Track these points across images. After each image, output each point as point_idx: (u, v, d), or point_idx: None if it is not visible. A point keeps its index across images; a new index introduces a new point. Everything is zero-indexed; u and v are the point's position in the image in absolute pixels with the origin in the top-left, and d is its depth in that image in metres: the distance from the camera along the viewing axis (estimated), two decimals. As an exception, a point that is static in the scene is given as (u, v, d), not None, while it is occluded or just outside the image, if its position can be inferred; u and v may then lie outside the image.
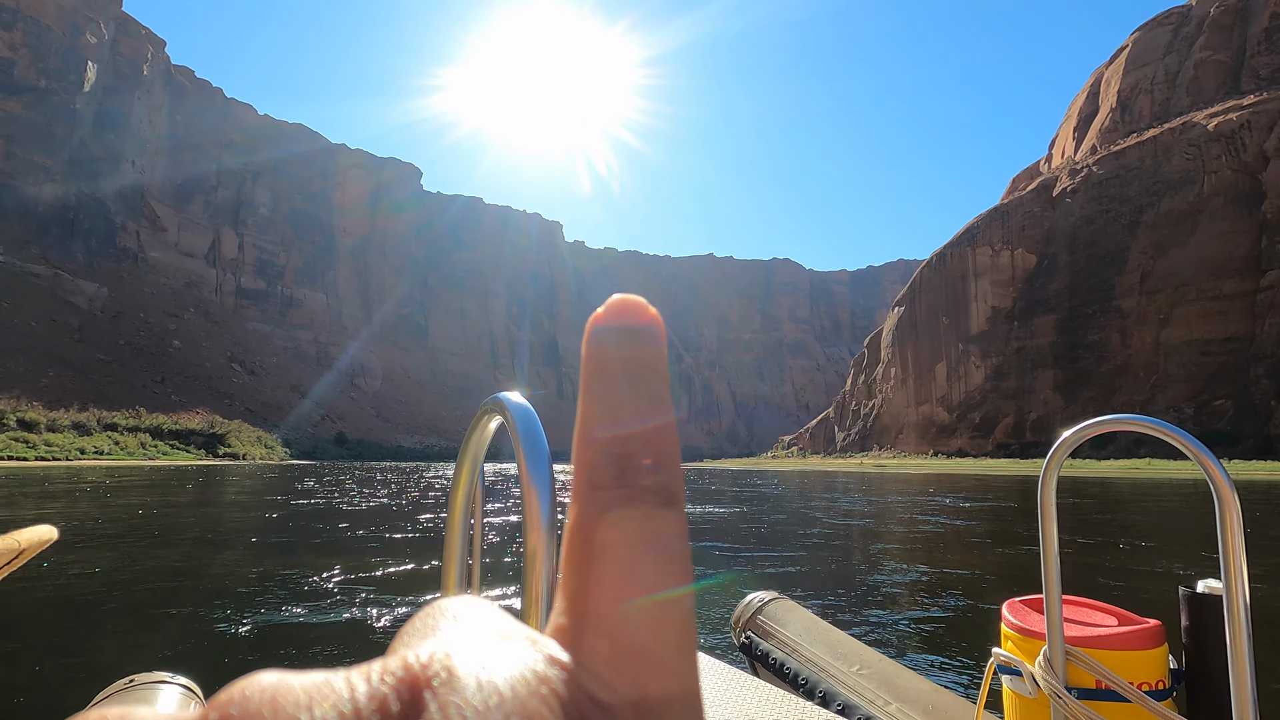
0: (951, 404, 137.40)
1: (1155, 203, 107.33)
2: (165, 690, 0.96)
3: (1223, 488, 1.26)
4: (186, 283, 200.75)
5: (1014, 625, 1.68)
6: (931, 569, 9.86)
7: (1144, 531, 15.28)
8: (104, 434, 78.54)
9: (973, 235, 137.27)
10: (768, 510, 21.55)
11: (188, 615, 6.55)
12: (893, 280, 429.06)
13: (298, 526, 14.77)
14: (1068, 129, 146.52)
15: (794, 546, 12.53)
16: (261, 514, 17.88)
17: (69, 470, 55.89)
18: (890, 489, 34.67)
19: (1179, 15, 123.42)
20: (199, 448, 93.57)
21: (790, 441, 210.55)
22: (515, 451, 0.53)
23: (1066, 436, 1.46)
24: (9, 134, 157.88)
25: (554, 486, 0.51)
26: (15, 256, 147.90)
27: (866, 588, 8.64)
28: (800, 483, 45.75)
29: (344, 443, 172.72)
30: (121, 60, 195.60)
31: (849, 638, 2.04)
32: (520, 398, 0.58)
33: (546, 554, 0.48)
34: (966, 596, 7.93)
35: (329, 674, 0.12)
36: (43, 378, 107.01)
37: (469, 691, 0.12)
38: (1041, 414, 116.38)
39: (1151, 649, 1.53)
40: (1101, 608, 1.71)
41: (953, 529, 15.44)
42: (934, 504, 23.44)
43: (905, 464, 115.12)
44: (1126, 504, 24.98)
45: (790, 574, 9.53)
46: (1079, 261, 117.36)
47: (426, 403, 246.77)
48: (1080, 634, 1.54)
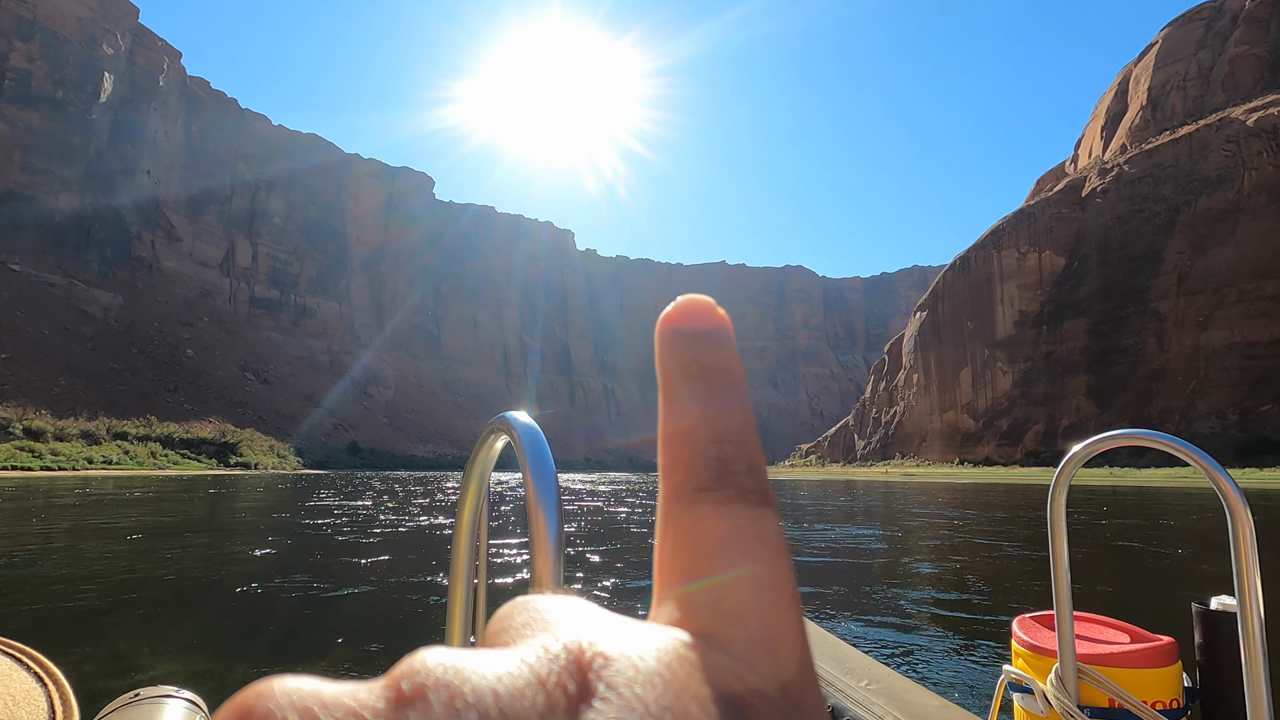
0: (977, 411, 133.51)
1: (1192, 201, 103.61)
2: (171, 705, 0.98)
3: (1234, 502, 1.24)
4: (201, 292, 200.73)
5: (1024, 642, 1.65)
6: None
7: (1173, 542, 14.69)
8: (113, 443, 76.85)
9: (998, 237, 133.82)
10: (825, 529, 18.78)
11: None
12: (907, 287, 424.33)
13: (319, 565, 12.19)
14: (1095, 128, 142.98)
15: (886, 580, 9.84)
16: (273, 538, 15.32)
17: (79, 480, 53.95)
18: (944, 500, 31.79)
19: (1211, 10, 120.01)
20: (210, 457, 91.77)
21: (808, 450, 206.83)
22: (522, 472, 0.53)
23: (1075, 452, 1.47)
24: (26, 144, 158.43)
25: (561, 508, 0.51)
26: (31, 266, 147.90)
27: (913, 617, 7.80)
28: (828, 494, 42.74)
29: (357, 452, 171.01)
30: (138, 71, 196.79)
31: (857, 652, 2.02)
32: (527, 417, 0.58)
33: (554, 576, 0.48)
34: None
35: (489, 653, 0.13)
36: (54, 386, 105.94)
37: (631, 672, 0.12)
38: (1074, 421, 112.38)
39: (1165, 667, 1.50)
40: (1114, 624, 1.69)
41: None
42: (1026, 517, 20.53)
43: (934, 473, 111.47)
44: (1162, 513, 24.12)
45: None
46: (1111, 263, 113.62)
47: (439, 412, 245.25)
48: (1092, 651, 1.52)
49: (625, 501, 31.19)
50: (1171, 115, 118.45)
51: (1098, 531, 17.12)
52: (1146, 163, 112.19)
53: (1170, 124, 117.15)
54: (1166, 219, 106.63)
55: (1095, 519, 21.15)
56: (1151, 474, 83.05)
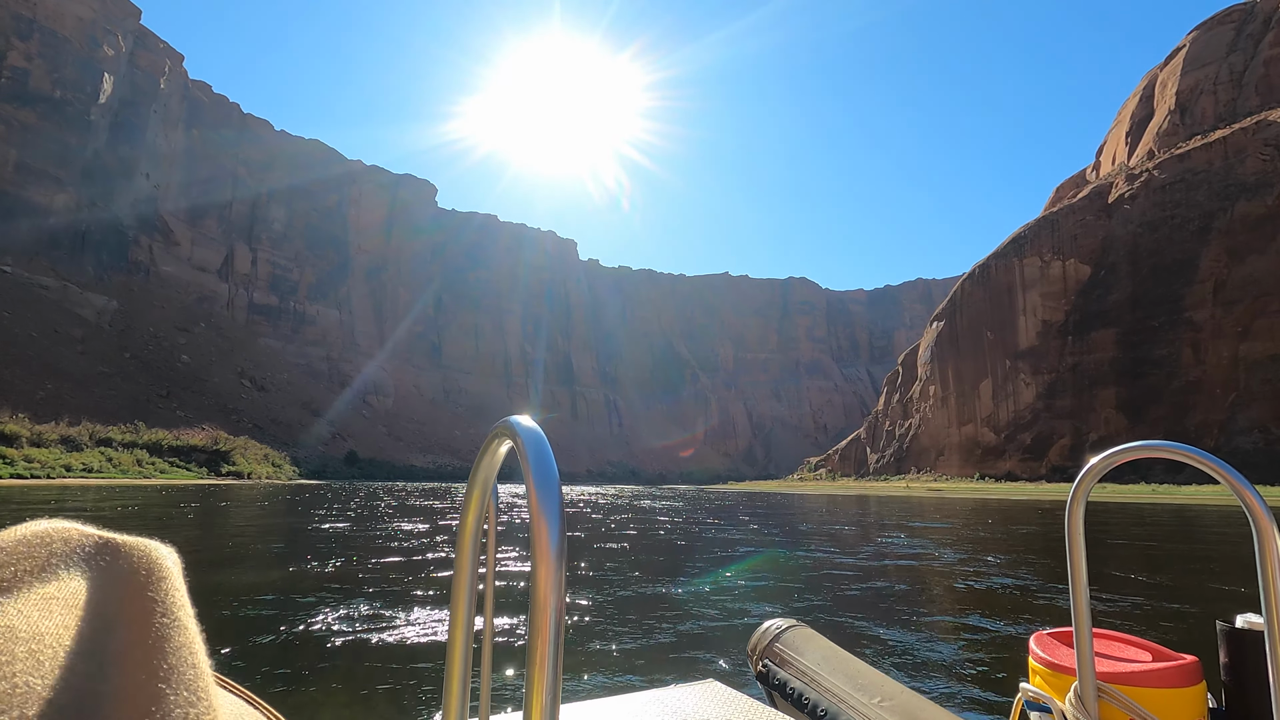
0: (999, 424, 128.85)
1: (1228, 207, 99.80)
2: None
3: (1260, 517, 1.20)
4: (198, 297, 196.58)
5: (1042, 659, 1.60)
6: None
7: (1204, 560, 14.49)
8: (96, 450, 71.92)
9: (1019, 245, 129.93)
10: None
11: None
12: (911, 299, 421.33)
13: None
14: (1118, 134, 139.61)
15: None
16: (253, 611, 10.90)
17: (56, 490, 49.40)
18: (1019, 518, 27.57)
19: (1241, 13, 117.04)
20: (201, 465, 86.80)
21: (818, 463, 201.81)
22: (525, 479, 0.53)
23: (1092, 465, 1.43)
24: (22, 144, 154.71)
25: (564, 515, 0.51)
26: (23, 268, 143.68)
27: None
28: (870, 515, 38.28)
29: (355, 462, 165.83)
30: (139, 73, 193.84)
31: (870, 668, 1.98)
32: (531, 421, 0.58)
33: (555, 584, 0.47)
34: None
35: None
36: (39, 390, 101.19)
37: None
38: (1104, 434, 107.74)
39: (1189, 687, 1.44)
40: (1134, 642, 1.63)
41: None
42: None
43: (959, 488, 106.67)
44: (1201, 532, 23.25)
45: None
46: (1141, 271, 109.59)
47: (439, 422, 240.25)
48: (1112, 670, 1.47)
49: (657, 521, 26.75)
50: (1202, 120, 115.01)
51: (1123, 548, 16.53)
52: (1178, 168, 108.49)
53: (1201, 128, 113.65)
54: (1200, 225, 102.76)
55: (1113, 536, 20.35)
56: (1194, 491, 78.40)
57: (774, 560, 14.08)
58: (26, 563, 0.31)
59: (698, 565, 12.88)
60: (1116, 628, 1.68)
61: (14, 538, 0.32)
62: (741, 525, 24.42)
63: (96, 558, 0.33)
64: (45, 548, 0.32)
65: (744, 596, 9.54)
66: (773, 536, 19.79)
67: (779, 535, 20.35)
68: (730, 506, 42.78)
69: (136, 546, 0.35)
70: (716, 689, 2.05)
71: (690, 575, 11.49)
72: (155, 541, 0.36)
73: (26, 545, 0.32)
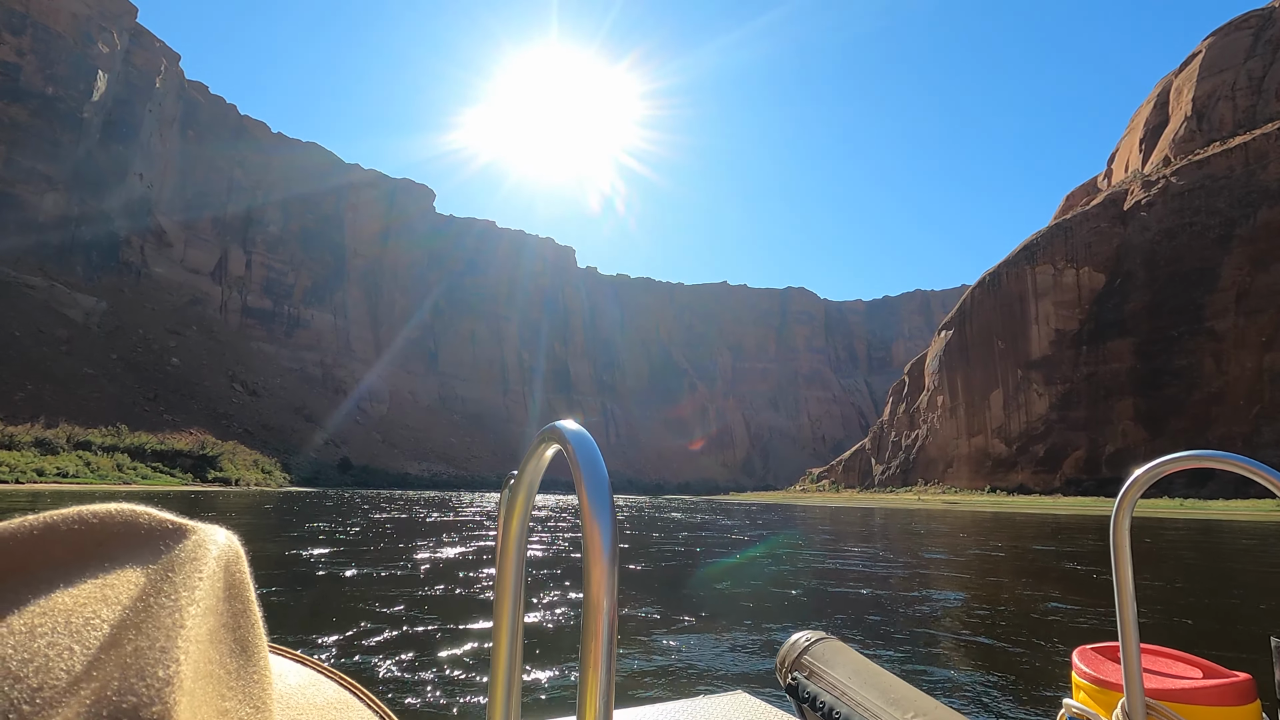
0: (1010, 435, 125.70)
1: (1250, 214, 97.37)
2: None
3: None
4: (190, 300, 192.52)
5: (1087, 675, 1.53)
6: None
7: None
8: (74, 453, 67.93)
9: (1031, 253, 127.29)
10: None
11: None
12: (910, 310, 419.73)
13: None
14: (1131, 141, 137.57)
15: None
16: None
17: (27, 496, 45.70)
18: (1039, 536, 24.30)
19: (1259, 18, 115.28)
20: (186, 471, 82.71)
21: (820, 474, 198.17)
22: (575, 482, 0.53)
23: (1140, 474, 1.36)
24: (12, 140, 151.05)
25: (615, 517, 0.50)
26: (10, 267, 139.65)
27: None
28: (880, 523, 34.93)
29: (348, 468, 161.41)
30: (134, 72, 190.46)
31: (902, 682, 1.92)
32: (578, 425, 0.57)
33: (608, 587, 0.47)
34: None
35: None
36: (18, 391, 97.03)
37: None
38: (1121, 447, 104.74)
39: (1243, 705, 1.37)
40: (1184, 658, 1.56)
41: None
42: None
43: (975, 500, 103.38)
44: (1240, 549, 22.61)
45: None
46: (1159, 279, 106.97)
47: (435, 429, 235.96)
48: (1161, 686, 1.40)
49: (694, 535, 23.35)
50: (1220, 126, 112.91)
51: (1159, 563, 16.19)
52: (1196, 174, 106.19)
53: (1220, 135, 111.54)
54: (1221, 233, 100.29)
55: (1147, 550, 19.50)
56: (1224, 506, 75.17)
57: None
58: (90, 545, 0.32)
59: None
60: (1161, 643, 1.63)
61: (74, 517, 0.32)
62: (838, 551, 21.04)
63: (167, 540, 0.33)
64: (107, 530, 0.32)
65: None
66: (893, 570, 16.44)
67: (898, 567, 17.01)
68: (770, 521, 39.16)
69: (208, 531, 0.36)
70: (745, 701, 2.05)
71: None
72: (222, 528, 0.38)
73: (86, 525, 0.32)
